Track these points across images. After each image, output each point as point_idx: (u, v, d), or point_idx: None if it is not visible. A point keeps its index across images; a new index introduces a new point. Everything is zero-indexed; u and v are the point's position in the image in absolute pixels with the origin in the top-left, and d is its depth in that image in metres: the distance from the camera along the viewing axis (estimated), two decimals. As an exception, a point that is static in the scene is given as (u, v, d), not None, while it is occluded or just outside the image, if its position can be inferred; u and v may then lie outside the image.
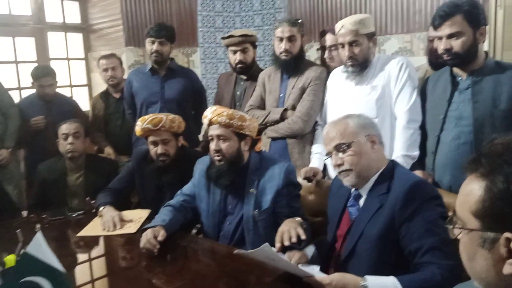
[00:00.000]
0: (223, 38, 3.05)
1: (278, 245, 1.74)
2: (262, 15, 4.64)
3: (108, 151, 3.46)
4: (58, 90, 3.66)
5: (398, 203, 1.55)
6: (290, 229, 1.78)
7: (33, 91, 3.51)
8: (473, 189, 0.86)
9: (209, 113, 2.14)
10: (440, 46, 2.02)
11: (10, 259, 1.58)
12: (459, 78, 2.08)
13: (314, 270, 1.63)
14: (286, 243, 1.73)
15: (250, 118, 2.19)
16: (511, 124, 1.91)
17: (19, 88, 4.38)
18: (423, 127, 2.24)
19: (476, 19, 1.96)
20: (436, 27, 2.01)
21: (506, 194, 0.81)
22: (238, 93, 3.08)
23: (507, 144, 0.86)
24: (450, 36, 1.98)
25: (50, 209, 2.63)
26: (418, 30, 3.91)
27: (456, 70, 2.09)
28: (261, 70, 3.13)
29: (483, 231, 0.84)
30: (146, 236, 1.92)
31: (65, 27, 4.80)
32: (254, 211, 2.07)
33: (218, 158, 2.13)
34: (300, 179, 2.30)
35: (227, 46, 3.02)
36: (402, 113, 2.26)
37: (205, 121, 2.16)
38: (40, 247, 1.36)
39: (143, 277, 1.82)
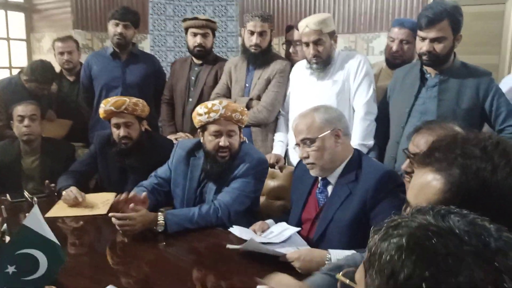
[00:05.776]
0: (186, 19, 3.06)
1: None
2: (214, 7, 4.71)
3: None
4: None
5: (371, 190, 1.71)
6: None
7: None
8: (430, 182, 0.89)
9: (220, 108, 2.06)
10: (422, 47, 2.13)
11: (-9, 236, 1.57)
12: (428, 75, 2.24)
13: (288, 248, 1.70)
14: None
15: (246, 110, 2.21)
16: (471, 122, 2.08)
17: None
18: (386, 118, 2.42)
19: (458, 26, 2.11)
20: (422, 28, 2.11)
21: (466, 185, 0.84)
22: (193, 78, 3.11)
23: (453, 138, 0.92)
24: (433, 40, 2.10)
25: (5, 192, 2.55)
26: (362, 31, 4.19)
27: (425, 67, 2.24)
28: (216, 57, 3.21)
29: None
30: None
31: (6, 5, 4.54)
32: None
33: (225, 154, 2.11)
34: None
35: (188, 28, 3.03)
36: (360, 106, 2.47)
37: (212, 115, 2.06)
38: (37, 221, 1.39)
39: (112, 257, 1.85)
